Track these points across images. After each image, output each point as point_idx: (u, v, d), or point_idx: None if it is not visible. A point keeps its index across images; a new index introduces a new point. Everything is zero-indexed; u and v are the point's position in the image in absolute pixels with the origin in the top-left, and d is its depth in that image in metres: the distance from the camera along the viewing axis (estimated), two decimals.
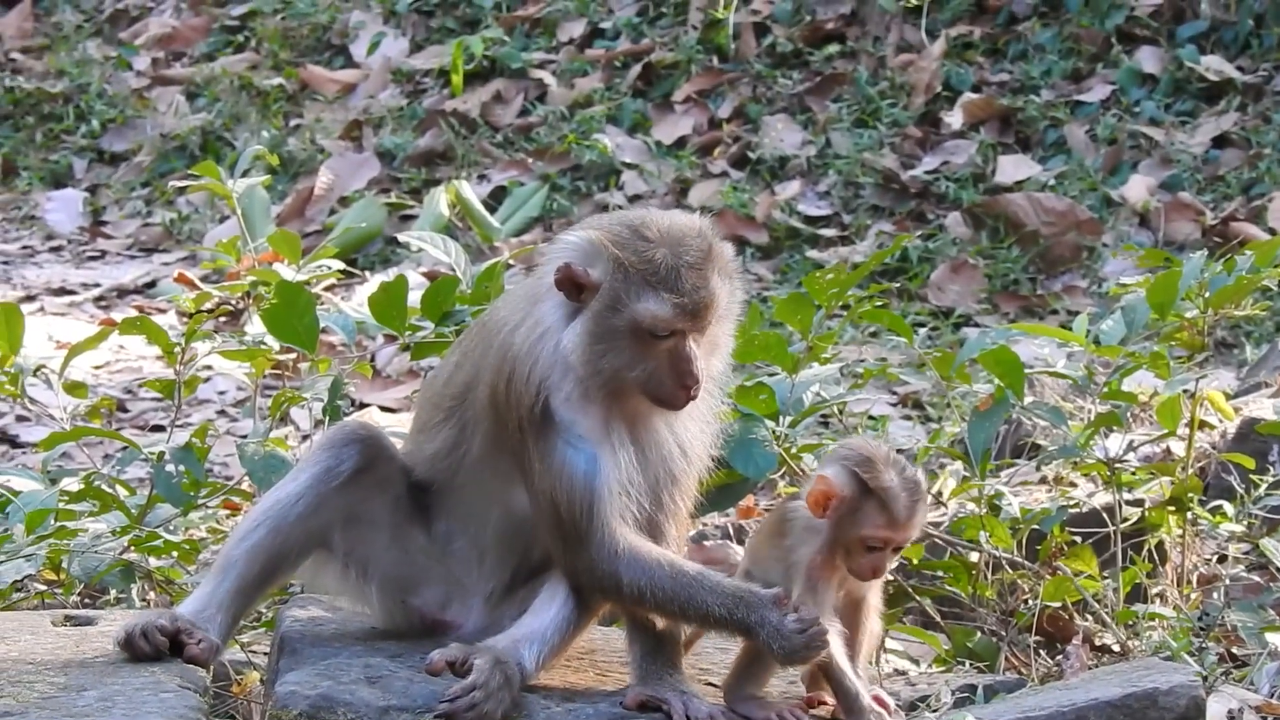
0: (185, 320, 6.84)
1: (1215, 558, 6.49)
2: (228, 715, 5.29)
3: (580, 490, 5.00)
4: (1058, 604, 6.11)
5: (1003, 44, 13.16)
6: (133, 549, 6.20)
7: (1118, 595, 6.11)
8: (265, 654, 5.61)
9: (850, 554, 5.02)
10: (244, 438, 6.48)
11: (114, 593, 6.31)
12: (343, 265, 7.01)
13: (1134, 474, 6.31)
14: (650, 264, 4.97)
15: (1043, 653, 6.11)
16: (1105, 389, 6.25)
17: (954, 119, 12.67)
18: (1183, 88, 12.51)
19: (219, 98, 14.61)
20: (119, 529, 6.27)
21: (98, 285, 12.68)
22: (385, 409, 9.49)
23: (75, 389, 6.79)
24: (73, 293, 12.58)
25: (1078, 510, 6.42)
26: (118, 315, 9.59)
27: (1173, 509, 6.25)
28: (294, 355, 6.74)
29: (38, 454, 7.51)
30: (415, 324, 6.48)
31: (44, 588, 6.34)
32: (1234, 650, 5.85)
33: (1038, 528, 6.16)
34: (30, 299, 12.29)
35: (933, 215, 12.18)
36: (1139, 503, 6.33)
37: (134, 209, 14.04)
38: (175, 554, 6.29)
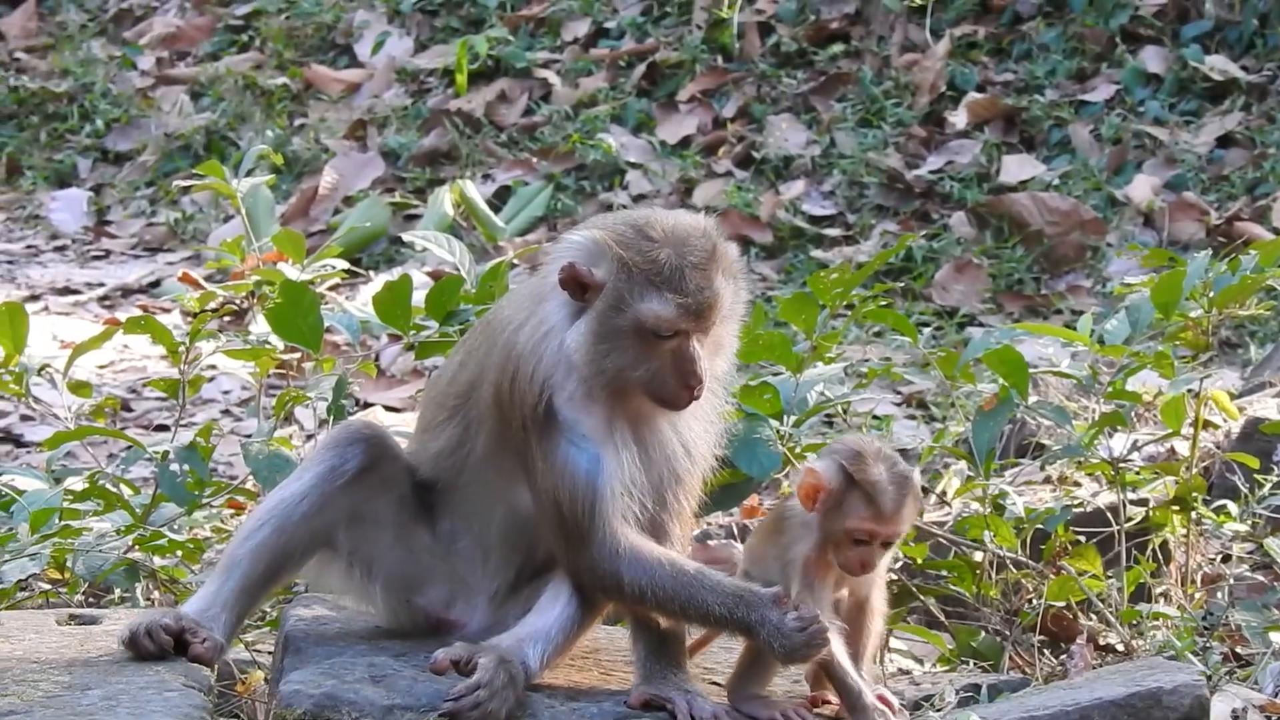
0: (190, 320, 6.84)
1: (1219, 557, 6.49)
2: (232, 714, 5.29)
3: (582, 489, 5.00)
4: (1062, 603, 6.11)
5: (1007, 44, 13.15)
6: (137, 548, 6.20)
7: (1122, 595, 6.10)
8: (270, 653, 5.62)
9: (839, 548, 5.01)
10: (248, 437, 6.49)
11: (118, 592, 6.31)
12: (347, 265, 7.02)
13: (1138, 473, 6.30)
14: (654, 264, 4.97)
15: (1047, 652, 6.11)
16: (1109, 388, 6.25)
17: (958, 119, 12.66)
18: (1187, 87, 12.50)
19: (223, 97, 14.61)
20: (123, 528, 6.27)
21: (102, 285, 12.68)
22: (389, 408, 9.50)
23: (80, 388, 6.79)
24: (77, 292, 12.57)
25: (1082, 510, 6.42)
26: (122, 315, 9.61)
27: (1177, 508, 6.25)
28: (298, 355, 6.74)
29: (42, 453, 7.51)
30: (419, 323, 6.48)
31: (48, 587, 6.34)
32: (1238, 650, 5.85)
33: (1042, 527, 6.16)
34: (35, 298, 12.29)
35: (937, 215, 12.17)
36: (1143, 502, 6.33)
37: (138, 208, 14.04)
38: (179, 553, 6.29)
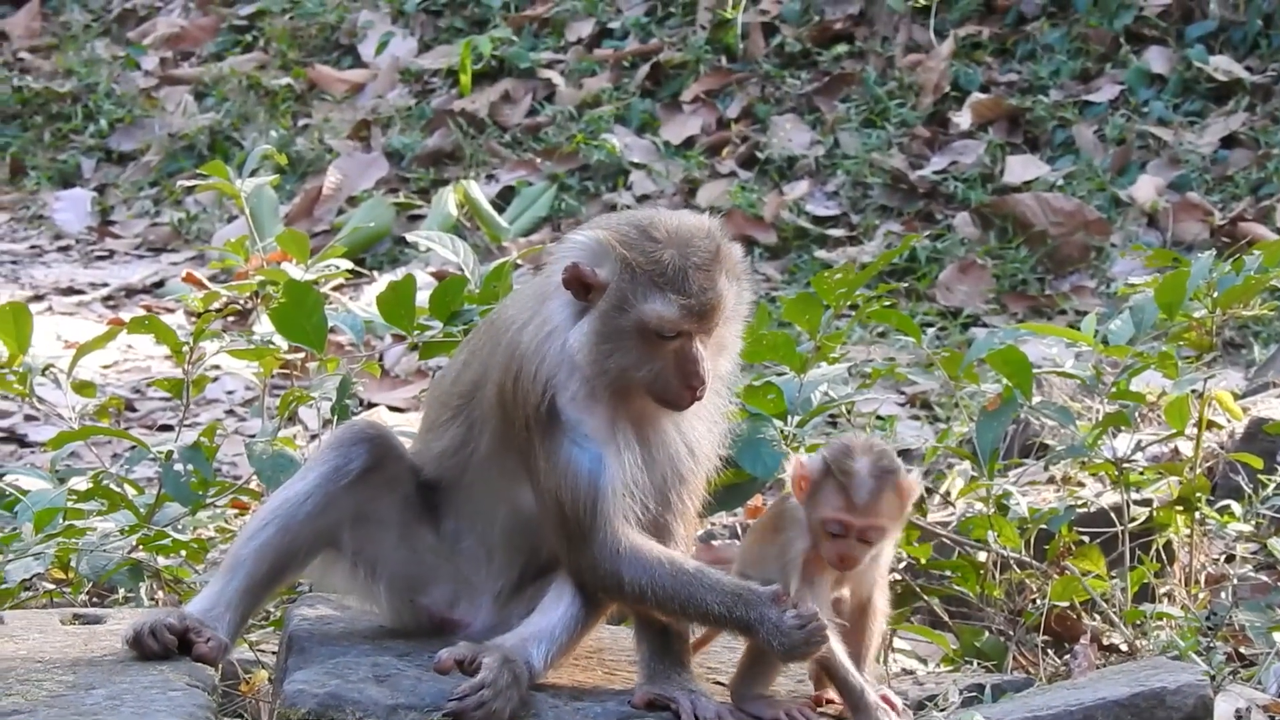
0: (193, 320, 6.84)
1: (1223, 557, 6.49)
2: (236, 714, 5.29)
3: (584, 489, 5.00)
4: (1065, 603, 6.11)
5: (1011, 44, 13.15)
6: (141, 548, 6.20)
7: (1125, 595, 6.10)
8: (273, 652, 5.62)
9: (821, 540, 5.01)
10: (252, 437, 6.49)
11: (122, 591, 6.32)
12: (351, 265, 7.01)
13: (1142, 474, 6.31)
14: (657, 265, 4.97)
15: (1050, 652, 6.11)
16: (1113, 389, 6.25)
17: (962, 119, 12.66)
18: (1191, 88, 12.50)
19: (227, 97, 14.62)
20: (127, 528, 6.27)
21: (106, 285, 12.69)
22: (393, 408, 9.51)
23: (83, 388, 6.79)
24: (81, 292, 12.58)
25: (1085, 510, 6.42)
26: (126, 315, 9.60)
27: (1181, 509, 6.25)
28: (302, 355, 6.74)
29: (46, 453, 7.52)
30: (423, 323, 6.48)
31: (52, 586, 6.35)
32: (1241, 650, 5.85)
33: (1045, 527, 6.16)
34: (38, 298, 12.30)
35: (941, 215, 12.17)
36: (1147, 502, 6.33)
37: (142, 209, 14.05)
38: (183, 553, 6.29)
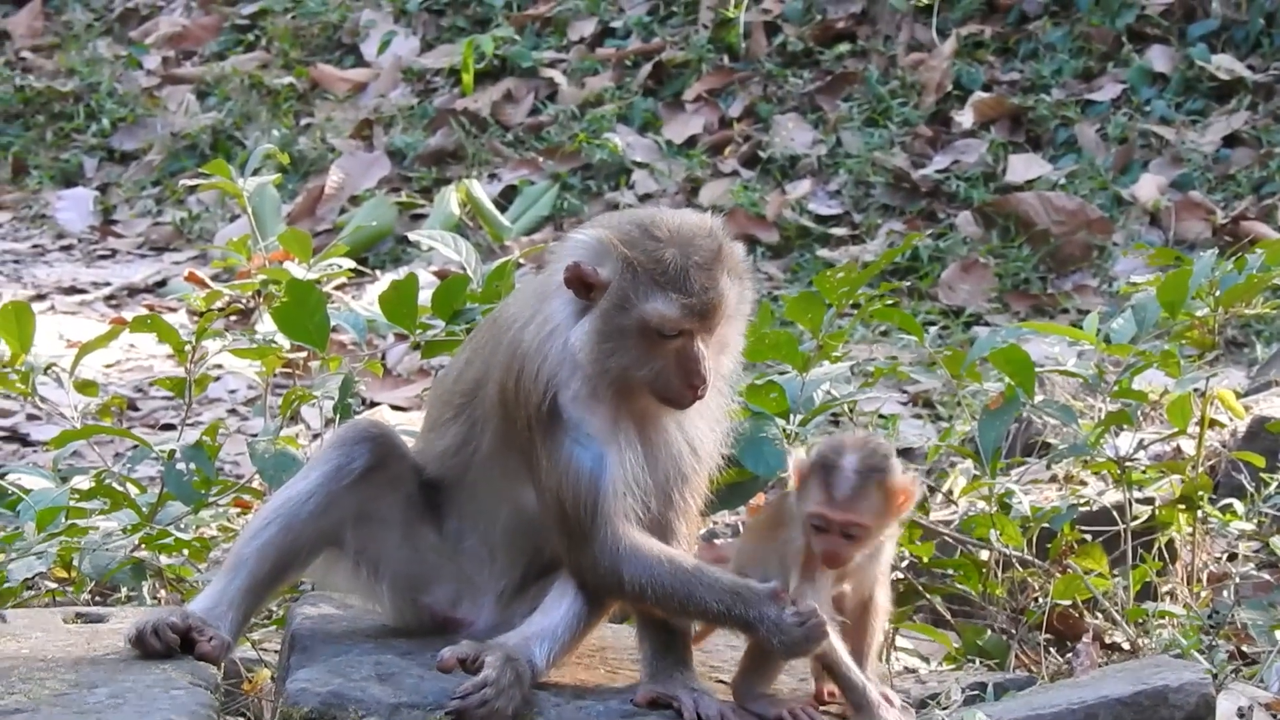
0: (196, 319, 6.85)
1: (1225, 556, 6.49)
2: (239, 712, 5.29)
3: (585, 488, 5.00)
4: (1068, 602, 6.11)
5: (1013, 43, 13.15)
6: (143, 547, 6.21)
7: (1128, 593, 6.10)
8: (276, 651, 5.62)
9: (809, 535, 5.01)
10: (255, 436, 6.49)
11: (125, 590, 6.32)
12: (353, 264, 7.02)
13: (1144, 472, 6.31)
14: (659, 264, 4.97)
15: (1053, 650, 6.11)
16: (1116, 387, 6.26)
17: (964, 118, 12.66)
18: (1193, 87, 12.49)
19: (229, 97, 14.62)
20: (130, 527, 6.27)
21: (108, 284, 12.69)
22: (396, 407, 9.51)
23: (86, 387, 6.80)
24: (83, 291, 12.58)
25: (1088, 508, 6.42)
26: (128, 314, 9.60)
27: (1183, 507, 6.25)
28: (305, 354, 6.75)
29: (49, 452, 7.52)
30: (426, 322, 6.48)
31: (55, 585, 6.35)
32: (1244, 648, 5.85)
33: (1048, 526, 6.16)
34: (41, 298, 12.30)
35: (943, 214, 12.16)
36: (1149, 501, 6.34)
37: (144, 208, 14.05)
38: (186, 552, 6.30)
